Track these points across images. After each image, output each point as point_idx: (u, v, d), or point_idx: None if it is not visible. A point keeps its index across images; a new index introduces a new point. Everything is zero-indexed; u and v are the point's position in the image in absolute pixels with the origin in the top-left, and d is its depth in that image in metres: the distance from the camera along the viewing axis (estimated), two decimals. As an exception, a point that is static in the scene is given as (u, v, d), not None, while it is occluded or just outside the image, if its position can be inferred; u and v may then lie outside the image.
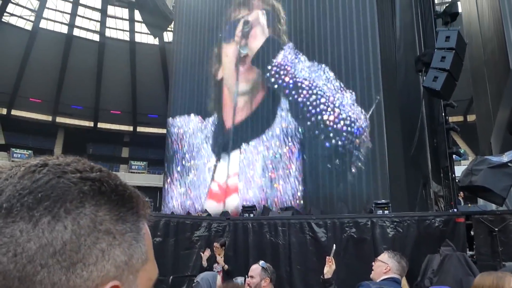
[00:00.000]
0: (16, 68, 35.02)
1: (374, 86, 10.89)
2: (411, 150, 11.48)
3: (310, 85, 11.96)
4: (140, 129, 41.78)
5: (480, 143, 21.08)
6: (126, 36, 38.34)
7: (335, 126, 11.33)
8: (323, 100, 11.65)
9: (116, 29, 38.12)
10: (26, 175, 0.48)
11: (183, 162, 14.69)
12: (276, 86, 12.80)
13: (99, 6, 36.62)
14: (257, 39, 13.70)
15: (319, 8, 12.33)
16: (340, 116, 11.27)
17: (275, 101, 12.75)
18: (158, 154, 32.81)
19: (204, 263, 7.08)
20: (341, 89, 11.44)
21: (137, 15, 31.41)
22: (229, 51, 14.32)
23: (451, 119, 16.42)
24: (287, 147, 12.16)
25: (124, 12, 37.64)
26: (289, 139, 12.16)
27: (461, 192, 12.38)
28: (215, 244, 7.19)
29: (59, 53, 36.04)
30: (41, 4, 34.78)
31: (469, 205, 10.08)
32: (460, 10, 16.80)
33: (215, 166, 13.68)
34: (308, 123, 11.84)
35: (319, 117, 11.65)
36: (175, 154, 15.02)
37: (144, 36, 37.62)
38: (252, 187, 12.59)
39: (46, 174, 0.48)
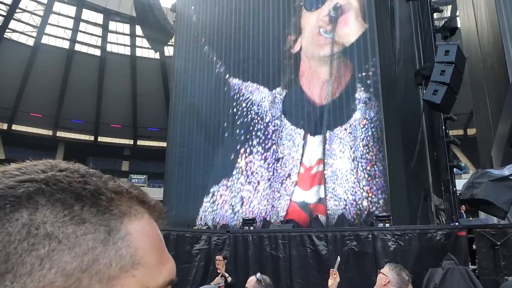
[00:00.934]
0: (18, 83, 35.24)
1: (374, 98, 10.91)
2: (411, 163, 11.47)
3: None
4: (140, 142, 41.85)
5: (481, 156, 21.08)
6: (127, 51, 38.63)
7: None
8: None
9: (117, 44, 38.44)
10: None
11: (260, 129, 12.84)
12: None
13: (100, 22, 36.96)
14: (349, 26, 11.96)
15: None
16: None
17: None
18: (158, 167, 32.83)
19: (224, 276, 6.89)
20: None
21: (138, 30, 31.70)
22: (311, 20, 12.73)
23: (451, 132, 16.46)
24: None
25: (125, 27, 37.99)
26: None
27: (463, 206, 12.33)
28: (218, 257, 7.11)
29: (60, 68, 36.29)
30: (43, 20, 35.12)
31: (471, 218, 10.02)
32: (459, 25, 16.96)
33: (304, 145, 11.69)
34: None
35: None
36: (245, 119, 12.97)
37: (145, 51, 37.92)
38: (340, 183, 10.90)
39: None
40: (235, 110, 13.73)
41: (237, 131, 13.41)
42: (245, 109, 13.49)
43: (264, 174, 12.29)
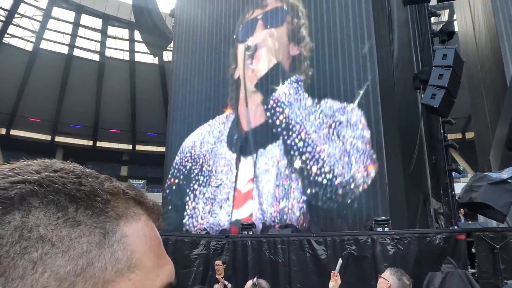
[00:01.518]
0: (16, 88, 35.25)
1: (372, 103, 10.93)
2: (410, 167, 11.48)
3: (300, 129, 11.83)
4: (139, 147, 41.83)
5: (479, 160, 21.10)
6: (126, 56, 38.68)
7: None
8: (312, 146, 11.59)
9: (116, 49, 38.49)
10: None
11: (202, 171, 13.84)
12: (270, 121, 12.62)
13: (99, 27, 37.03)
14: (261, 63, 13.36)
15: (317, 33, 12.41)
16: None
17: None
18: (157, 172, 32.75)
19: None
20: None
21: (137, 35, 31.74)
22: (239, 51, 14.07)
23: (450, 136, 16.48)
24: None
25: (124, 33, 38.05)
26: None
27: (461, 209, 12.34)
28: (217, 262, 7.08)
29: (59, 73, 36.31)
30: (41, 25, 35.17)
31: (470, 222, 10.02)
32: (456, 29, 17.03)
33: (237, 169, 12.87)
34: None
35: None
36: (191, 169, 14.16)
37: (143, 56, 37.98)
38: (266, 196, 12.01)
39: None
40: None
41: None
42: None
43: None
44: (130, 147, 41.99)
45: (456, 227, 9.11)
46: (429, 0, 12.63)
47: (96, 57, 37.88)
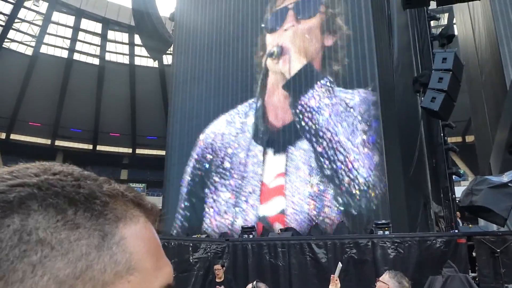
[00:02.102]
0: (16, 92, 35.28)
1: (372, 106, 10.94)
2: (410, 170, 11.47)
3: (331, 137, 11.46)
4: (139, 151, 41.83)
5: (479, 163, 21.09)
6: (126, 60, 38.74)
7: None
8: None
9: (116, 53, 38.55)
10: None
11: (223, 166, 13.47)
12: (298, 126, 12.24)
13: (99, 31, 37.11)
14: (288, 64, 13.02)
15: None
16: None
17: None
18: (157, 175, 32.74)
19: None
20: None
21: (137, 39, 31.82)
22: (270, 40, 13.70)
23: (450, 139, 16.47)
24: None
25: (124, 37, 38.13)
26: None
27: (458, 212, 12.34)
28: (216, 266, 7.06)
29: (59, 78, 36.35)
30: (41, 29, 35.24)
31: (470, 225, 10.00)
32: (456, 33, 17.07)
33: (263, 163, 12.47)
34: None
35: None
36: (209, 169, 13.76)
37: (143, 60, 38.04)
38: (298, 193, 11.64)
39: None
40: None
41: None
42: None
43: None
44: (130, 150, 41.99)
45: (456, 231, 9.10)
46: (428, 4, 12.65)
47: (96, 61, 37.93)
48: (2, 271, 0.38)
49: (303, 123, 12.06)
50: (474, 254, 6.84)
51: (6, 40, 33.85)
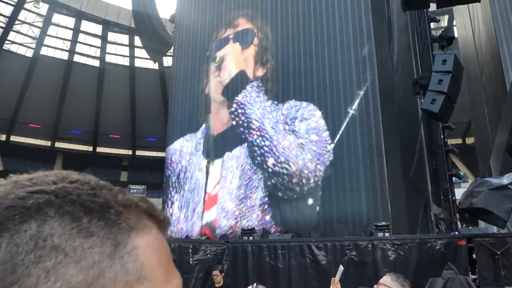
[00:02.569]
0: (16, 94, 35.31)
1: (372, 108, 10.94)
2: (410, 172, 11.47)
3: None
4: (139, 152, 41.83)
5: (480, 165, 21.09)
6: (126, 62, 38.77)
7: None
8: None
9: (116, 54, 38.59)
10: None
11: (179, 179, 14.76)
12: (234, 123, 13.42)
13: (99, 33, 37.15)
14: (227, 72, 14.38)
15: (317, 36, 12.44)
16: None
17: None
18: (157, 177, 32.72)
19: None
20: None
21: (137, 41, 31.85)
22: (211, 68, 15.01)
23: (450, 141, 16.48)
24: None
25: (124, 38, 38.17)
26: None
27: (457, 214, 12.34)
28: (214, 272, 7.06)
29: (59, 79, 36.38)
30: (42, 31, 35.28)
31: (470, 227, 10.01)
32: (456, 35, 17.08)
33: (207, 173, 13.76)
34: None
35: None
36: (170, 177, 15.17)
37: (143, 61, 38.07)
38: (230, 199, 12.74)
39: (2, 192, 0.44)
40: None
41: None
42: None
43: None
44: (130, 152, 42.00)
45: (456, 233, 9.10)
46: (428, 6, 12.67)
47: (96, 63, 37.98)
48: (17, 276, 0.38)
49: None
50: (474, 256, 6.83)
51: (6, 42, 33.90)
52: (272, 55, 13.42)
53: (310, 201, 11.15)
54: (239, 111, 13.40)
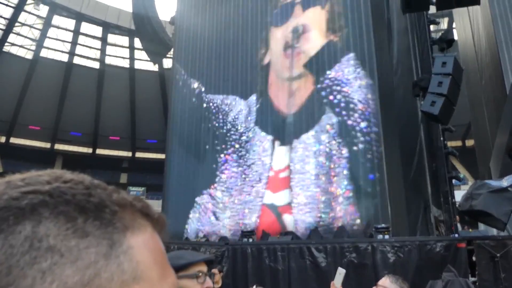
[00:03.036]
0: (16, 96, 35.33)
1: (372, 109, 10.95)
2: (410, 174, 11.46)
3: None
4: (138, 154, 41.82)
5: (479, 167, 21.10)
6: (126, 63, 38.80)
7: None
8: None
9: (116, 56, 38.62)
10: None
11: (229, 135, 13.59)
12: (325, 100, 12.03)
13: (99, 35, 37.19)
14: (311, 42, 12.83)
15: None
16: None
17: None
18: (157, 179, 32.70)
19: None
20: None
21: (137, 43, 31.87)
22: (278, 35, 13.64)
23: (450, 143, 16.47)
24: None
25: (124, 40, 38.20)
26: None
27: (457, 216, 12.32)
28: (213, 270, 7.04)
29: (59, 81, 36.40)
30: (42, 33, 35.31)
31: (470, 230, 10.00)
32: (456, 37, 17.10)
33: (272, 150, 12.44)
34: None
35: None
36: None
37: (143, 63, 38.10)
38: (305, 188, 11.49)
39: None
40: (214, 123, 14.47)
41: (215, 142, 14.16)
42: (221, 121, 14.24)
43: (238, 181, 13.01)
44: (130, 154, 41.99)
45: (456, 235, 9.09)
46: (428, 8, 12.69)
47: (96, 65, 38.00)
48: (13, 277, 0.38)
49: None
50: (474, 258, 6.83)
51: (6, 44, 33.93)
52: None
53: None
54: (334, 88, 11.79)
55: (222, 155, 13.71)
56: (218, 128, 14.22)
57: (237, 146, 13.45)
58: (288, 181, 11.82)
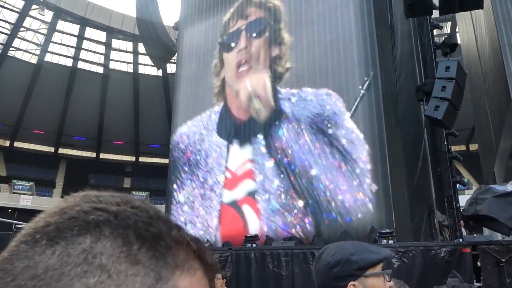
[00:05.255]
0: (20, 100, 35.52)
1: (375, 114, 10.93)
2: (414, 179, 11.43)
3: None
4: (142, 159, 41.89)
5: (484, 172, 21.02)
6: (129, 68, 38.94)
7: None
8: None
9: (120, 61, 38.78)
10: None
11: (190, 165, 14.21)
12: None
13: (103, 40, 37.37)
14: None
15: (320, 42, 12.48)
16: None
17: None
18: (160, 184, 32.79)
19: None
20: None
21: (141, 48, 32.01)
22: (230, 58, 14.64)
23: (454, 148, 16.44)
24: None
25: (128, 45, 38.36)
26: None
27: (462, 221, 12.26)
28: (217, 275, 7.02)
29: (63, 86, 36.57)
30: (46, 38, 35.52)
31: (475, 235, 9.94)
32: (459, 42, 17.09)
33: (227, 151, 13.26)
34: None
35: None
36: (178, 162, 14.71)
37: (147, 68, 38.23)
38: (266, 175, 12.14)
39: (70, 202, 0.47)
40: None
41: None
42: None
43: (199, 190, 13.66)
44: (133, 158, 42.07)
45: (461, 240, 9.05)
46: (431, 13, 12.69)
47: (100, 70, 38.17)
48: (61, 285, 0.39)
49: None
50: (479, 263, 6.78)
51: (11, 48, 34.13)
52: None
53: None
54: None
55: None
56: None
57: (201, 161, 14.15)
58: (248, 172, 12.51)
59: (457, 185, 13.57)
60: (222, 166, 13.24)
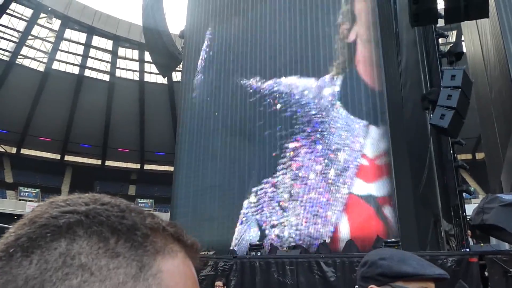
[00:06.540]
0: (27, 108, 35.76)
1: (381, 123, 10.91)
2: (420, 188, 11.36)
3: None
4: (147, 166, 41.98)
5: (490, 181, 20.87)
6: (135, 76, 39.16)
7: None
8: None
9: (126, 69, 39.01)
10: None
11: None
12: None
13: (110, 48, 37.64)
14: None
15: (325, 51, 12.52)
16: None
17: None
18: (165, 191, 32.81)
19: None
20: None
21: (147, 56, 32.21)
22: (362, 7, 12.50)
23: (460, 157, 16.36)
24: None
25: (134, 53, 38.62)
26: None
27: (469, 231, 12.16)
28: (217, 282, 7.01)
29: (70, 93, 36.82)
30: (54, 46, 35.83)
31: (482, 244, 9.85)
32: (464, 50, 17.06)
33: (365, 135, 11.18)
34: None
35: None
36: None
37: (153, 76, 38.43)
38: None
39: (38, 211, 0.47)
40: (268, 108, 13.52)
41: (277, 127, 13.02)
42: (283, 105, 13.10)
43: (316, 167, 11.75)
44: (138, 166, 42.17)
45: (468, 250, 8.96)
46: (436, 22, 12.69)
47: (106, 78, 38.40)
48: None
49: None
50: (486, 273, 6.72)
51: (19, 56, 34.45)
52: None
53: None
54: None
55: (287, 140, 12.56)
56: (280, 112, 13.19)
57: (309, 130, 12.24)
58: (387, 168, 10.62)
59: (464, 194, 13.47)
60: (357, 152, 11.27)
